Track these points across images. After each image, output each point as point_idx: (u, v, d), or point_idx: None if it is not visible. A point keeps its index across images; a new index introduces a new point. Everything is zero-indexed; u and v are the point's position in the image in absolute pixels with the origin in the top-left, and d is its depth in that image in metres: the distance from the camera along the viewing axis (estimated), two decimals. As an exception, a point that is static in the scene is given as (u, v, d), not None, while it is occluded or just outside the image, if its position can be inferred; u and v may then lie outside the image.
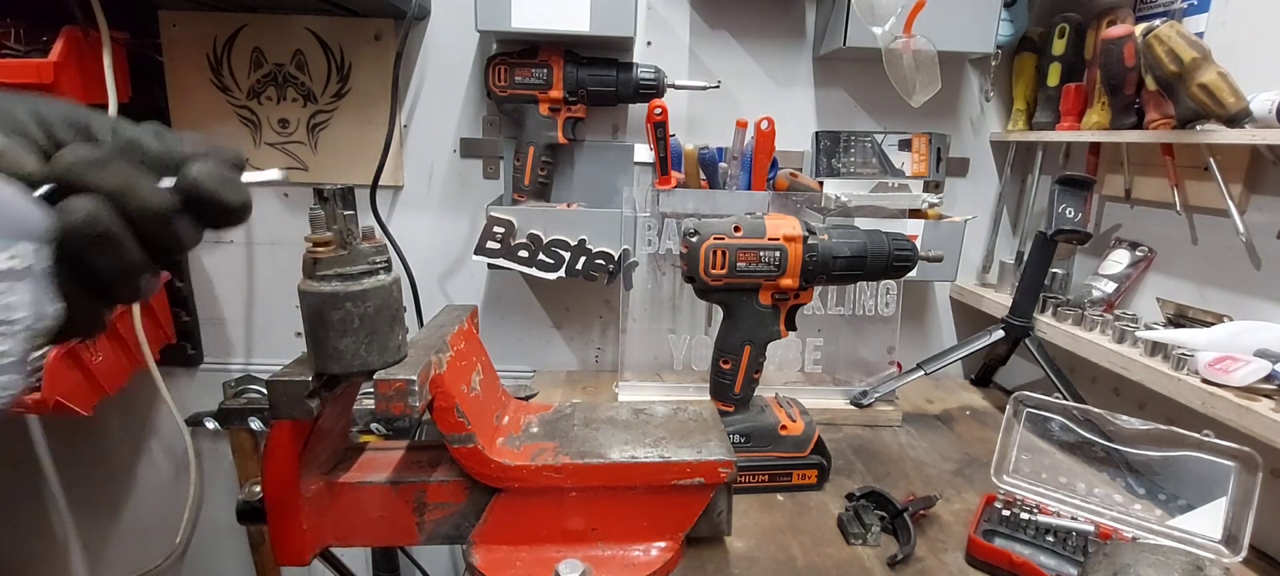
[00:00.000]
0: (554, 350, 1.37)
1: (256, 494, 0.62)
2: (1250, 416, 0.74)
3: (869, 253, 0.85)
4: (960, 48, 1.08)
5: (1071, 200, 1.01)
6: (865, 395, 1.12)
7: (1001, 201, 1.31)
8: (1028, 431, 0.88)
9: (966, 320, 1.37)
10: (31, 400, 1.01)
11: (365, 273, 0.50)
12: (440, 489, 0.62)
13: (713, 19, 1.22)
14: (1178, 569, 0.60)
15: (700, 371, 1.20)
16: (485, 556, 0.62)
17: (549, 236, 1.10)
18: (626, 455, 0.63)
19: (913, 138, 1.25)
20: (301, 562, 0.61)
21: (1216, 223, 0.96)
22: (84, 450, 1.41)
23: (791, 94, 1.26)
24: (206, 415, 1.28)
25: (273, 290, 1.32)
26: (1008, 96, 1.27)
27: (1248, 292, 0.92)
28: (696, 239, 0.83)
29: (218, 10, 1.14)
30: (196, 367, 1.35)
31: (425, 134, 1.25)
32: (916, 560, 0.76)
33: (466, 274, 1.33)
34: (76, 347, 1.05)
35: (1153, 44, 0.86)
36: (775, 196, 1.14)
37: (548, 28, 1.02)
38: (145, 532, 1.45)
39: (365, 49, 1.18)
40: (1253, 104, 0.81)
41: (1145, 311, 1.07)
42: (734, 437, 0.87)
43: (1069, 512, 0.81)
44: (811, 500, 0.88)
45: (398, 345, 0.53)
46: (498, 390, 0.70)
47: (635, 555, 0.63)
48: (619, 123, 1.25)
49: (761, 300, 0.86)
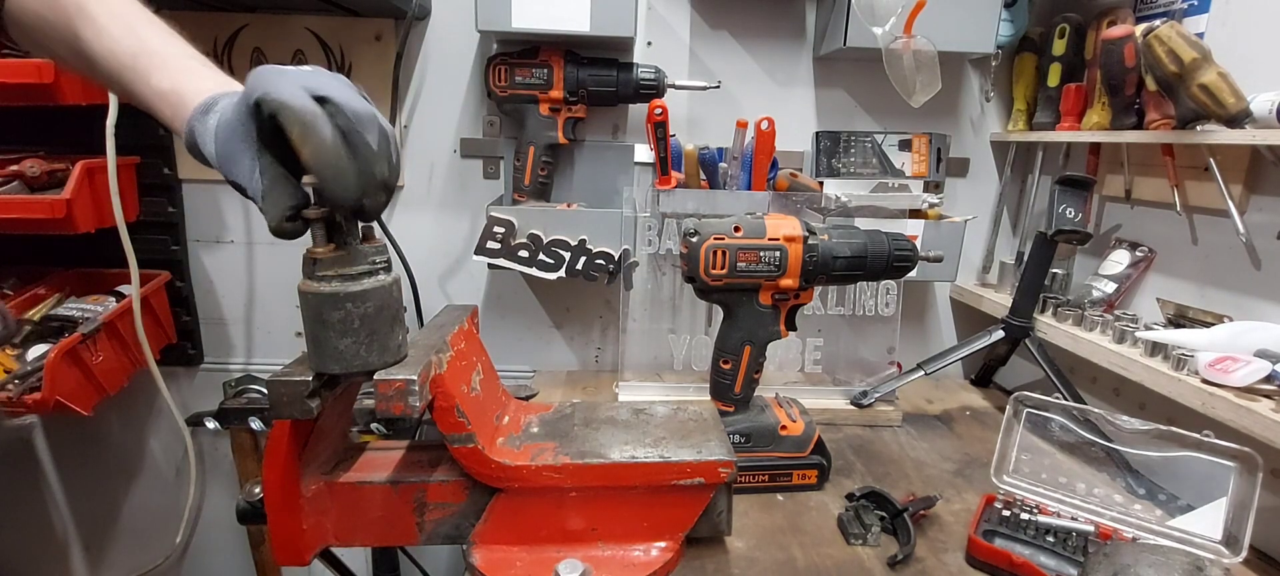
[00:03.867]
0: (554, 350, 1.37)
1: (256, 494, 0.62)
2: (1250, 417, 0.74)
3: (869, 253, 0.85)
4: (960, 48, 1.08)
5: (1071, 200, 1.01)
6: (865, 395, 1.12)
7: (1001, 201, 1.31)
8: (1028, 431, 0.88)
9: (966, 320, 1.37)
10: (31, 400, 1.01)
11: (365, 273, 0.50)
12: (440, 489, 0.62)
13: (713, 19, 1.22)
14: (1178, 569, 0.60)
15: (700, 371, 1.20)
16: (485, 556, 0.62)
17: (549, 236, 1.10)
18: (626, 455, 0.63)
19: (913, 138, 1.25)
20: (301, 562, 0.61)
21: (1216, 223, 0.96)
22: (84, 450, 1.41)
23: (792, 94, 1.26)
24: (206, 415, 1.28)
25: (273, 290, 1.32)
26: (1008, 97, 1.27)
27: (1248, 293, 0.92)
28: (696, 239, 0.83)
29: (218, 10, 1.14)
30: (196, 367, 1.36)
31: (425, 134, 1.25)
32: (916, 560, 0.76)
33: (466, 274, 1.33)
34: (77, 348, 1.05)
35: (1153, 44, 0.86)
36: (775, 196, 1.14)
37: (548, 28, 1.02)
38: (145, 532, 1.44)
39: (365, 49, 1.18)
40: (1253, 104, 0.81)
41: (1145, 312, 1.07)
42: (734, 438, 0.87)
43: (1069, 513, 0.81)
44: (811, 500, 0.88)
45: (398, 345, 0.53)
46: (498, 390, 0.70)
47: (635, 555, 0.63)
48: (619, 123, 1.25)
49: (761, 300, 0.86)
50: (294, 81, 0.45)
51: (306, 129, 0.43)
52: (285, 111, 0.43)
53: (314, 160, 0.43)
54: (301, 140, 0.43)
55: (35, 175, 1.05)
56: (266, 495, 0.58)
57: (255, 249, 1.30)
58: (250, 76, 0.45)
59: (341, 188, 0.45)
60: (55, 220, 1.00)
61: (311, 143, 0.43)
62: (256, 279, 1.31)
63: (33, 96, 0.97)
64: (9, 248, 1.23)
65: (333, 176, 0.44)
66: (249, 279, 1.31)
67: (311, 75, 0.46)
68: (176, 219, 1.26)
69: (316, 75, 0.47)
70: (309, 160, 0.43)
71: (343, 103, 0.45)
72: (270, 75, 0.45)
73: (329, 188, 0.45)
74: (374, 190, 0.47)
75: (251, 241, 1.29)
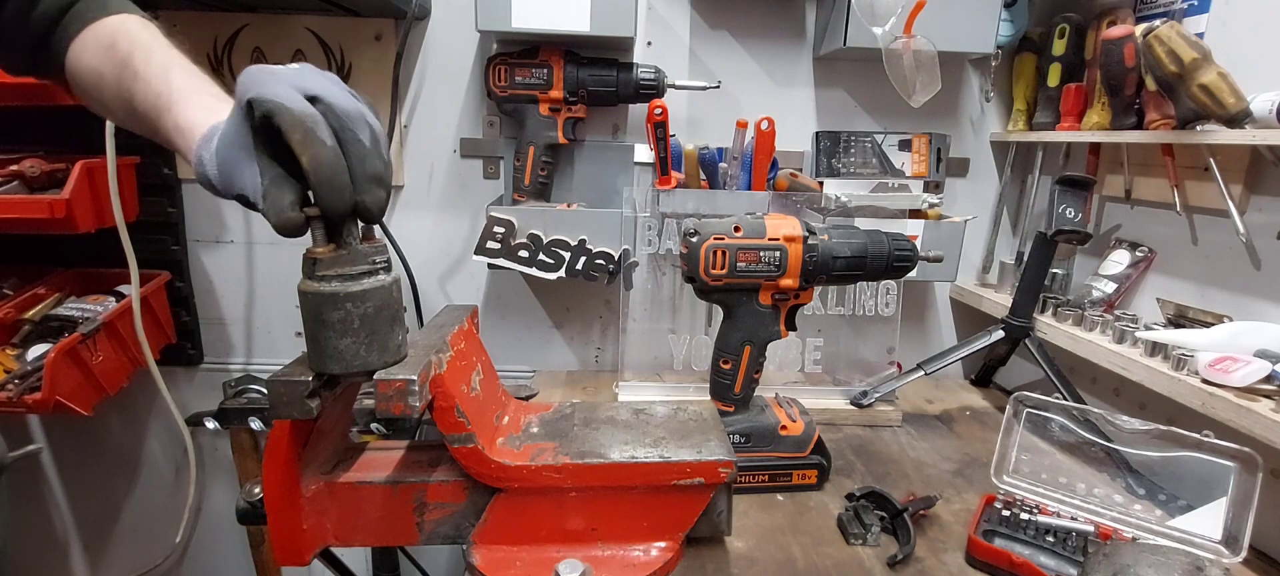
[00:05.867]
0: (554, 350, 1.37)
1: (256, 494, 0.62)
2: (1250, 417, 0.74)
3: (869, 253, 0.85)
4: (960, 48, 1.08)
5: (1071, 200, 1.01)
6: (865, 395, 1.12)
7: (1001, 201, 1.31)
8: (1028, 431, 0.88)
9: (966, 320, 1.37)
10: (31, 400, 1.01)
11: (365, 273, 0.50)
12: (440, 489, 0.62)
13: (713, 19, 1.22)
14: (1178, 569, 0.60)
15: (700, 371, 1.20)
16: (485, 556, 0.62)
17: (549, 236, 1.10)
18: (626, 455, 0.62)
19: (913, 138, 1.25)
20: (301, 562, 0.61)
21: (1216, 223, 0.96)
22: (84, 450, 1.41)
23: (791, 94, 1.26)
24: (206, 415, 1.28)
25: (273, 290, 1.32)
26: (1008, 97, 1.27)
27: (1248, 293, 0.92)
28: (696, 239, 0.83)
29: (218, 10, 1.14)
30: (196, 367, 1.36)
31: (425, 134, 1.25)
32: (916, 560, 0.76)
33: (466, 274, 1.33)
34: (77, 348, 1.05)
35: (1153, 44, 0.86)
36: (775, 196, 1.14)
37: (548, 28, 1.02)
38: (145, 532, 1.45)
39: (365, 49, 1.18)
40: (1253, 104, 0.81)
41: (1145, 312, 1.07)
42: (734, 437, 0.87)
43: (1069, 513, 0.81)
44: (811, 500, 0.88)
45: (398, 345, 0.53)
46: (498, 390, 0.70)
47: (635, 555, 0.63)
48: (619, 123, 1.25)
49: (761, 300, 0.86)
50: (285, 82, 0.45)
51: (307, 136, 0.43)
52: (283, 115, 0.43)
53: (312, 167, 0.44)
54: (302, 147, 0.43)
55: (35, 175, 1.05)
56: (266, 495, 0.58)
57: (255, 249, 1.30)
58: (240, 78, 0.46)
59: (337, 197, 0.45)
60: (55, 220, 1.00)
61: (311, 150, 0.43)
62: (256, 279, 1.31)
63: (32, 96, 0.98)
64: (9, 248, 1.24)
65: (330, 185, 0.44)
66: (249, 279, 1.31)
67: (299, 74, 0.46)
68: (176, 219, 1.26)
69: (304, 74, 0.47)
70: (308, 167, 0.44)
71: (334, 101, 0.45)
72: (261, 76, 0.45)
73: (325, 197, 0.45)
74: (369, 186, 0.46)
75: (251, 241, 1.29)
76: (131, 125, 0.60)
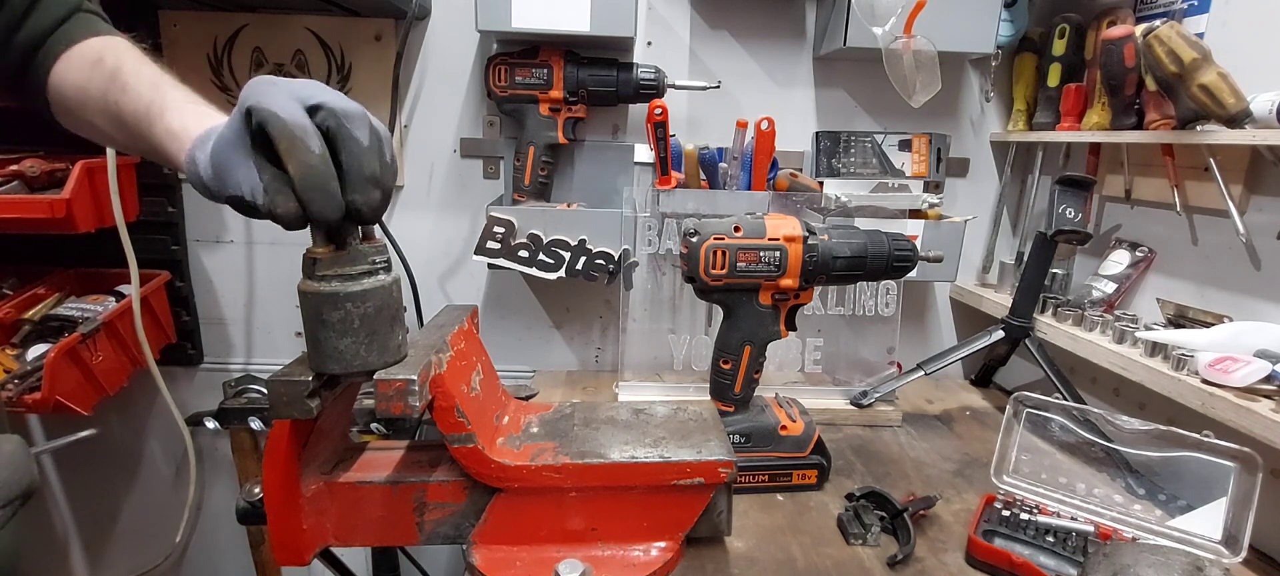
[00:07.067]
0: (554, 350, 1.37)
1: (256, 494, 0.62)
2: (1250, 417, 0.74)
3: (869, 253, 0.85)
4: (960, 48, 1.08)
5: (1071, 200, 1.01)
6: (865, 395, 1.12)
7: (1001, 202, 1.31)
8: (1028, 431, 0.88)
9: (966, 320, 1.37)
10: (31, 400, 1.00)
11: (365, 273, 0.50)
12: (440, 489, 0.62)
13: (713, 19, 1.22)
14: (1178, 569, 0.60)
15: (700, 371, 1.20)
16: (485, 556, 0.62)
17: (549, 236, 1.10)
18: (626, 455, 0.62)
19: (913, 138, 1.25)
20: (301, 562, 0.61)
21: (1216, 223, 0.96)
22: (84, 450, 1.40)
23: (791, 94, 1.26)
24: (206, 415, 1.28)
25: (273, 290, 1.32)
26: (1008, 97, 1.27)
27: (1248, 293, 0.92)
28: (696, 239, 0.83)
29: (218, 10, 1.14)
30: (196, 367, 1.36)
31: (425, 134, 1.25)
32: (916, 560, 0.76)
33: (466, 274, 1.33)
34: (77, 348, 1.05)
35: (1153, 44, 0.86)
36: (775, 196, 1.14)
37: (548, 28, 1.02)
38: (145, 532, 1.44)
39: (365, 49, 1.18)
40: (1253, 104, 0.81)
41: (1145, 312, 1.07)
42: (734, 437, 0.87)
43: (1069, 513, 0.81)
44: (811, 500, 0.88)
45: (398, 345, 0.53)
46: (498, 390, 0.70)
47: (635, 555, 0.63)
48: (619, 123, 1.25)
49: (761, 300, 0.86)
50: (285, 91, 0.45)
51: (294, 144, 0.44)
52: (273, 123, 0.44)
53: (298, 175, 0.44)
54: (288, 155, 0.44)
55: (35, 175, 1.05)
56: (266, 495, 0.58)
57: (255, 249, 1.30)
58: (244, 88, 0.46)
59: (324, 204, 0.45)
60: (55, 220, 1.00)
61: (297, 157, 0.44)
62: (256, 279, 1.31)
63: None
64: (9, 247, 1.23)
65: (317, 192, 0.45)
66: (249, 279, 1.31)
67: (302, 84, 0.47)
68: (176, 219, 1.26)
69: (307, 84, 0.47)
70: (294, 176, 0.44)
71: (334, 106, 0.46)
72: (262, 85, 0.46)
73: (312, 203, 0.45)
74: (364, 187, 0.46)
75: (251, 241, 1.29)
76: (115, 138, 0.61)
